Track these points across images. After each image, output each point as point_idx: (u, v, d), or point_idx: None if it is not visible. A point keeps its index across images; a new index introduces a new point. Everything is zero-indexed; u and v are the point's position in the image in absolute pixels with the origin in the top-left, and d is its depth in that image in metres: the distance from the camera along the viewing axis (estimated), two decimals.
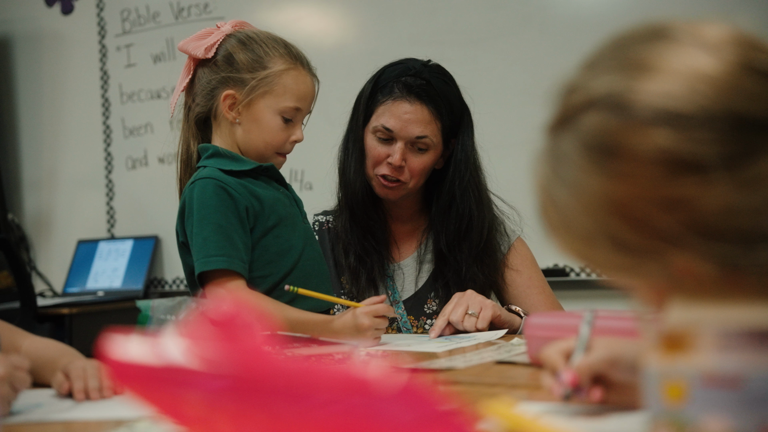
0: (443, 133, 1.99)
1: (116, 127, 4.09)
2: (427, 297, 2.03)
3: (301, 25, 3.67)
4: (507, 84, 3.21)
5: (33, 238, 4.28)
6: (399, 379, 0.53)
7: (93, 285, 3.94)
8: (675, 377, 0.62)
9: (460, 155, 2.01)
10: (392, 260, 2.08)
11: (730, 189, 0.64)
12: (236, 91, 1.71)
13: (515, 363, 1.31)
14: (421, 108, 1.95)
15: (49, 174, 4.27)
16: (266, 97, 1.72)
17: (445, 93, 1.98)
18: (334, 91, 3.53)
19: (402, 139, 1.95)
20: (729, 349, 0.60)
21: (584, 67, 0.74)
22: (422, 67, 2.00)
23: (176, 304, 1.45)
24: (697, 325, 0.62)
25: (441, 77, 2.00)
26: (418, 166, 1.97)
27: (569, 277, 3.13)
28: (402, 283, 2.06)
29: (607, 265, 0.74)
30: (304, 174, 3.61)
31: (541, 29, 3.17)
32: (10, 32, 4.35)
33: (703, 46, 0.68)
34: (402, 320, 2.01)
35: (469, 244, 1.99)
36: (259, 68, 1.73)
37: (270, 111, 1.73)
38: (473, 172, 2.02)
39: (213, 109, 1.74)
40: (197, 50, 1.72)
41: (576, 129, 0.72)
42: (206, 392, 0.46)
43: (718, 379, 0.60)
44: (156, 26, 3.97)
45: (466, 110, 2.04)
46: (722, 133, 0.64)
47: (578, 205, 0.72)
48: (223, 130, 1.75)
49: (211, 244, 1.65)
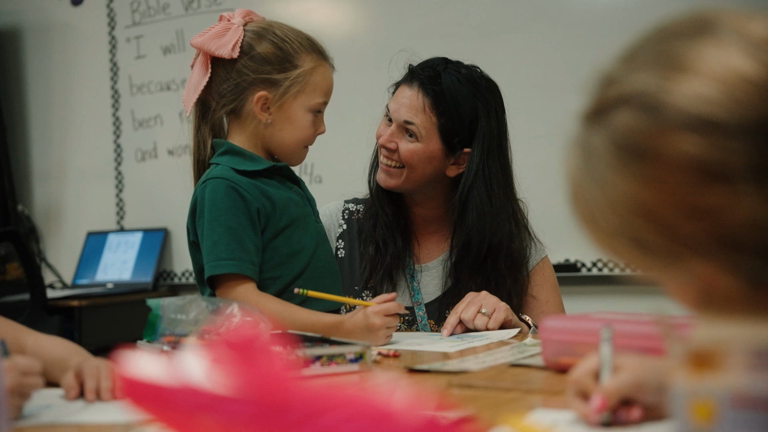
0: (442, 131, 1.93)
1: (126, 118, 4.08)
2: (450, 303, 2.00)
3: (311, 18, 3.64)
4: (518, 78, 3.18)
5: (43, 229, 4.28)
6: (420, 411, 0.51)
7: (102, 277, 3.94)
8: (703, 396, 0.60)
9: (470, 167, 1.95)
10: (417, 260, 2.05)
11: (758, 202, 0.62)
12: (269, 92, 1.70)
13: (530, 366, 1.29)
14: (417, 95, 1.94)
15: (59, 166, 4.26)
16: (298, 96, 1.72)
17: (454, 91, 1.93)
18: (344, 84, 3.50)
19: (395, 121, 1.96)
20: (760, 369, 0.58)
21: (623, 59, 0.73)
22: (442, 62, 1.98)
23: (186, 303, 1.44)
24: (727, 343, 0.60)
25: (457, 76, 1.94)
26: (405, 152, 1.94)
27: (581, 273, 3.11)
28: (426, 286, 2.04)
29: (633, 263, 0.73)
30: (314, 167, 3.59)
31: (552, 23, 3.14)
32: (20, 23, 4.33)
33: (745, 46, 0.65)
34: (422, 323, 1.99)
35: (471, 261, 1.95)
36: (290, 68, 1.71)
37: (302, 109, 1.73)
38: (482, 188, 1.94)
39: (238, 108, 1.73)
40: (221, 50, 1.69)
41: (608, 125, 0.71)
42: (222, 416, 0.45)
43: (748, 400, 0.58)
44: (166, 17, 3.95)
45: (484, 120, 1.95)
46: (755, 144, 0.62)
47: (605, 201, 0.71)
48: (246, 128, 1.73)
49: (221, 247, 1.64)
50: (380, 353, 1.48)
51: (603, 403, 0.89)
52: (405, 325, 1.99)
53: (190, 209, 1.72)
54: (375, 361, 1.43)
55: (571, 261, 3.11)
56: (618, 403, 0.90)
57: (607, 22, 3.05)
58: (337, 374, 1.32)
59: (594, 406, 0.89)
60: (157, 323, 1.42)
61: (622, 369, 0.93)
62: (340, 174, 2.37)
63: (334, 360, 1.33)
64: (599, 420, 0.89)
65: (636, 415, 0.90)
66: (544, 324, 1.26)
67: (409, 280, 2.03)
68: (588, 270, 3.11)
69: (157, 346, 1.37)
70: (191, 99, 1.73)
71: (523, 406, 1.02)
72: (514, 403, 1.04)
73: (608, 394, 0.89)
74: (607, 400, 0.89)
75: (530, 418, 0.88)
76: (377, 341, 1.61)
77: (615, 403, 0.89)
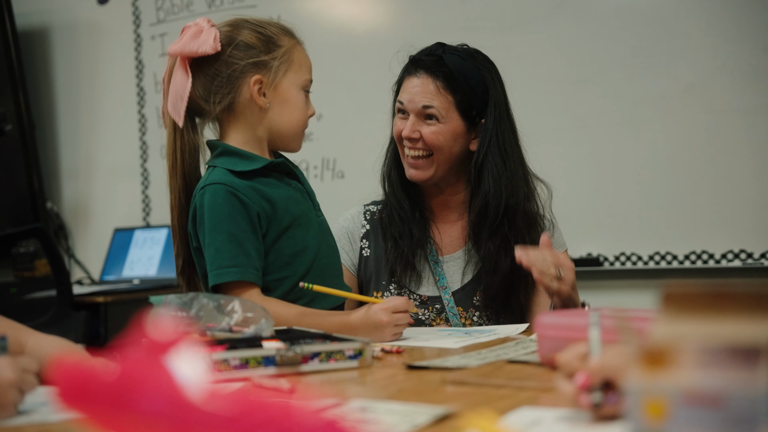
0: (460, 107, 1.98)
1: (151, 116, 4.11)
2: (477, 289, 2.02)
3: (332, 13, 3.65)
4: (539, 71, 3.16)
5: (71, 226, 4.33)
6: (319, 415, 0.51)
7: (129, 273, 3.98)
8: (656, 394, 0.59)
9: (484, 135, 1.99)
10: (439, 251, 2.07)
11: None
12: (263, 75, 1.70)
13: (527, 362, 1.29)
14: (427, 80, 1.98)
15: (86, 163, 4.31)
16: (288, 75, 1.73)
17: (460, 68, 1.98)
18: (365, 79, 3.53)
19: (412, 112, 1.99)
20: (711, 367, 0.57)
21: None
22: (438, 47, 2.03)
23: (188, 300, 1.44)
24: (680, 340, 0.59)
25: (457, 54, 2.00)
26: (429, 135, 1.97)
27: (603, 267, 3.09)
28: (452, 275, 2.05)
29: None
30: (336, 162, 3.60)
31: (574, 15, 3.11)
32: (48, 22, 4.39)
33: None
34: (449, 305, 1.99)
35: (489, 222, 1.97)
36: (274, 48, 1.72)
37: (295, 87, 1.74)
38: (497, 153, 1.98)
39: (233, 102, 1.72)
40: (204, 46, 1.68)
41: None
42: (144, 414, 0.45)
43: (699, 397, 0.57)
44: (189, 15, 3.98)
45: (492, 89, 2.00)
46: None
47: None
48: (243, 121, 1.72)
49: (223, 254, 1.64)
50: (383, 349, 1.48)
51: (586, 381, 0.88)
52: (434, 313, 1.99)
53: (190, 216, 1.72)
54: (377, 357, 1.43)
55: (594, 255, 3.09)
56: (603, 383, 0.88)
57: (628, 14, 3.02)
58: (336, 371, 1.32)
59: (578, 383, 0.88)
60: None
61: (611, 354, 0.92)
62: (362, 169, 2.36)
63: (333, 356, 1.33)
64: (590, 402, 0.88)
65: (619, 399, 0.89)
66: (539, 320, 1.25)
67: (433, 266, 2.04)
68: (611, 264, 3.08)
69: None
70: (180, 108, 1.69)
71: (512, 402, 1.01)
72: (503, 400, 1.04)
73: (592, 372, 0.88)
74: (591, 378, 0.88)
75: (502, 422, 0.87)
76: (384, 338, 1.60)
77: (599, 381, 0.88)
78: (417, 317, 1.99)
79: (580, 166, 3.10)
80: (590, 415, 0.89)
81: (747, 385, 0.56)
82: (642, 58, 2.99)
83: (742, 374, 0.56)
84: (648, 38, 2.97)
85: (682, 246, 2.96)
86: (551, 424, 0.91)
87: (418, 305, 2.00)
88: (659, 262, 2.99)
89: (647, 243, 3.01)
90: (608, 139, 3.06)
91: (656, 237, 3.00)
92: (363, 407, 1.00)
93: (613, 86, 3.04)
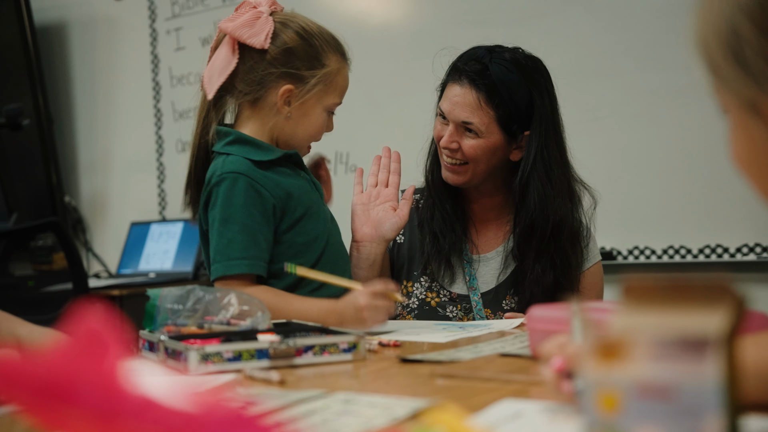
0: (500, 122, 1.93)
1: (166, 110, 4.13)
2: (507, 293, 2.00)
3: (344, 6, 3.65)
4: (552, 63, 3.12)
5: (89, 220, 4.37)
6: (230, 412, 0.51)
7: (145, 266, 4.00)
8: (610, 386, 0.59)
9: (528, 151, 1.94)
10: (475, 250, 2.06)
11: None
12: (295, 87, 1.71)
13: (518, 356, 1.28)
14: (470, 92, 1.92)
15: (104, 157, 4.34)
16: (320, 95, 1.75)
17: (505, 80, 1.91)
18: (378, 73, 3.52)
19: (452, 122, 1.95)
20: (662, 359, 0.56)
21: None
22: (486, 53, 1.96)
23: (185, 293, 1.45)
24: (633, 333, 0.58)
25: (504, 64, 1.93)
26: (469, 149, 1.94)
27: (617, 261, 3.07)
28: (484, 276, 2.03)
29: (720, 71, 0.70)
30: (349, 156, 3.60)
31: (586, 7, 3.09)
32: (65, 17, 4.42)
33: None
34: (477, 308, 1.99)
35: (535, 243, 1.94)
36: (317, 65, 1.73)
37: (320, 107, 1.75)
38: (542, 170, 1.94)
39: (259, 99, 1.73)
40: (254, 39, 1.70)
41: None
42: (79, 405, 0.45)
43: (651, 390, 0.56)
44: (204, 9, 4.00)
45: (539, 101, 1.94)
46: None
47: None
48: (261, 118, 1.74)
49: (235, 245, 1.65)
50: (380, 343, 1.48)
51: (561, 365, 0.88)
52: (462, 312, 1.98)
53: (202, 200, 1.73)
54: (373, 350, 1.43)
55: (607, 249, 3.07)
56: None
57: (641, 6, 2.99)
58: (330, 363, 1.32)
59: (553, 367, 0.88)
60: (155, 313, 1.44)
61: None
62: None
63: (327, 350, 1.33)
64: (572, 389, 0.88)
65: None
66: (530, 313, 1.25)
67: (466, 265, 2.03)
68: (624, 258, 3.06)
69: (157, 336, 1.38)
70: (216, 83, 1.72)
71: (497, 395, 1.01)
72: (489, 393, 1.03)
73: (568, 357, 0.88)
74: (567, 363, 0.87)
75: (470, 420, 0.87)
76: (365, 323, 1.60)
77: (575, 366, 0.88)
78: (444, 314, 1.99)
79: (593, 160, 3.06)
80: (572, 405, 0.89)
81: (695, 376, 0.55)
82: (656, 51, 2.96)
83: (691, 366, 0.55)
84: (662, 30, 2.94)
85: (696, 240, 2.93)
86: (532, 416, 0.91)
87: (447, 302, 1.99)
88: (673, 256, 2.97)
89: (661, 237, 2.99)
90: (621, 132, 3.04)
91: (670, 231, 2.97)
92: (346, 400, 1.00)
93: (627, 79, 3.01)
